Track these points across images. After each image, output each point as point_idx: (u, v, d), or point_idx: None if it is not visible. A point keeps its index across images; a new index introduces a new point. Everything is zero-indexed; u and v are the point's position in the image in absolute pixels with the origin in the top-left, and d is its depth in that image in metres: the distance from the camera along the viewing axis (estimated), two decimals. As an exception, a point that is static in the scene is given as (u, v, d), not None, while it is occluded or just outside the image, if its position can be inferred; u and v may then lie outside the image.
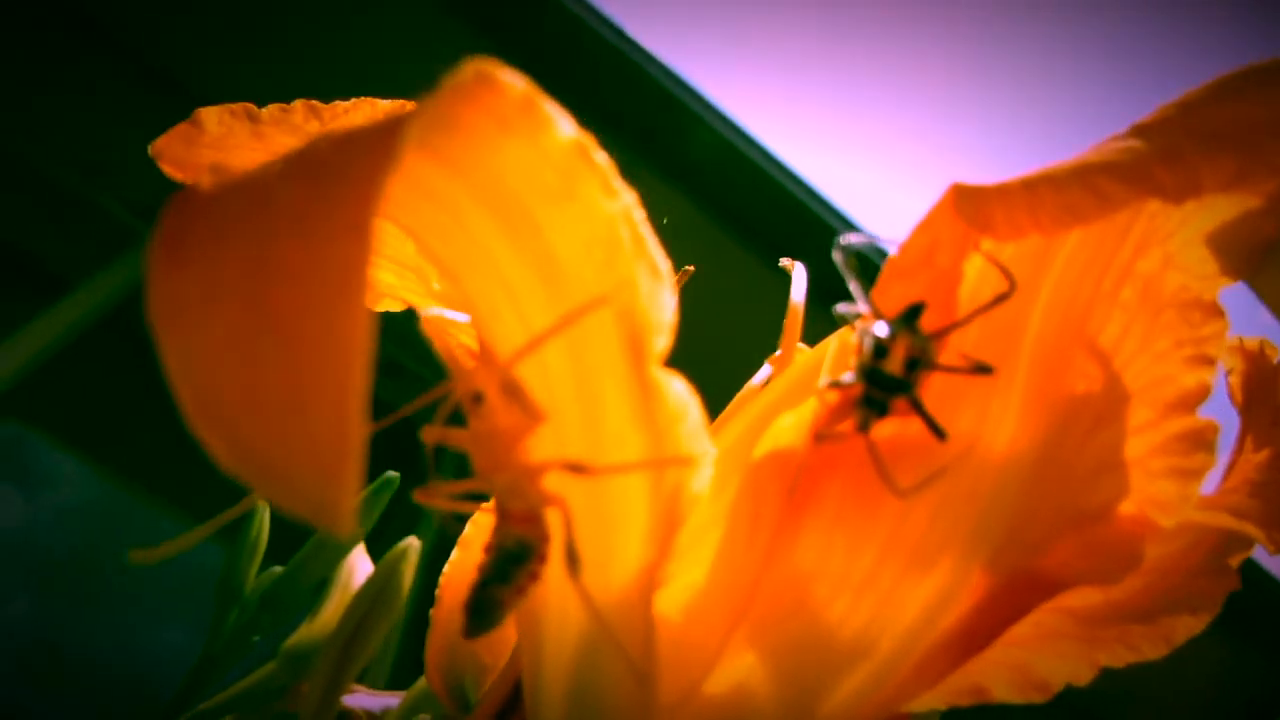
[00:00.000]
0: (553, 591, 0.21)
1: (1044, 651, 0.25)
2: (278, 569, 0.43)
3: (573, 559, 0.19)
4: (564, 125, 0.17)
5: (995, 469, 0.21)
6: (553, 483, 0.19)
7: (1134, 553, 0.22)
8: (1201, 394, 0.22)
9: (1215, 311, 0.23)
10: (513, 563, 0.19)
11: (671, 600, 0.21)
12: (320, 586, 0.43)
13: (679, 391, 0.18)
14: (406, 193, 0.18)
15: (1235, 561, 0.26)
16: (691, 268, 0.34)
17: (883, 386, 0.18)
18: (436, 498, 0.20)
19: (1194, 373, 0.23)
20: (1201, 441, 0.22)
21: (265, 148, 0.27)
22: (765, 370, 0.27)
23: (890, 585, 0.20)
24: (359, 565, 0.45)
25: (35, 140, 0.77)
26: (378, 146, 0.13)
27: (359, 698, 0.39)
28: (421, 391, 0.20)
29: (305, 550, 0.43)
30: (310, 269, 0.13)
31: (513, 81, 0.16)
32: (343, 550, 0.43)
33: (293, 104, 0.28)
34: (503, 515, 0.19)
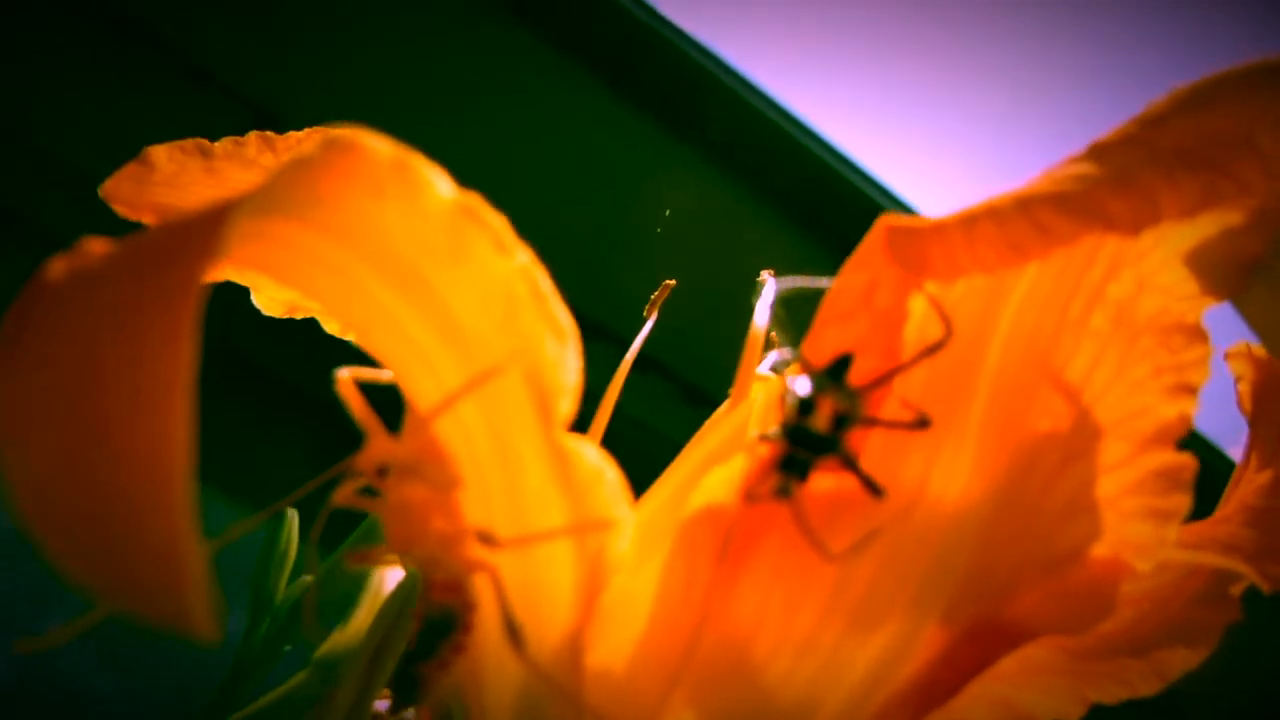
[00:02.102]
0: (489, 651, 0.20)
1: (1030, 687, 0.23)
2: (308, 578, 0.43)
3: (514, 632, 0.18)
4: (442, 186, 0.16)
5: (948, 516, 0.19)
6: (476, 550, 0.18)
7: (1107, 599, 0.20)
8: (1181, 426, 0.21)
9: (1198, 335, 0.21)
10: (437, 635, 0.18)
11: (610, 653, 0.20)
12: (351, 595, 0.43)
13: (591, 456, 0.17)
14: (294, 260, 0.17)
15: (1237, 590, 0.24)
16: (673, 281, 0.33)
17: (807, 445, 0.17)
18: (370, 559, 0.19)
19: (1174, 403, 0.21)
20: (1179, 480, 0.20)
21: (219, 183, 0.26)
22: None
23: (834, 643, 0.19)
24: (390, 573, 0.44)
25: (73, 134, 0.77)
26: (193, 243, 0.12)
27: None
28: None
29: (333, 558, 0.43)
30: (129, 379, 0.12)
31: (378, 147, 0.15)
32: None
33: (245, 137, 0.27)
34: (425, 586, 0.18)
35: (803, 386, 0.17)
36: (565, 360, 0.17)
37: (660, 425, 0.97)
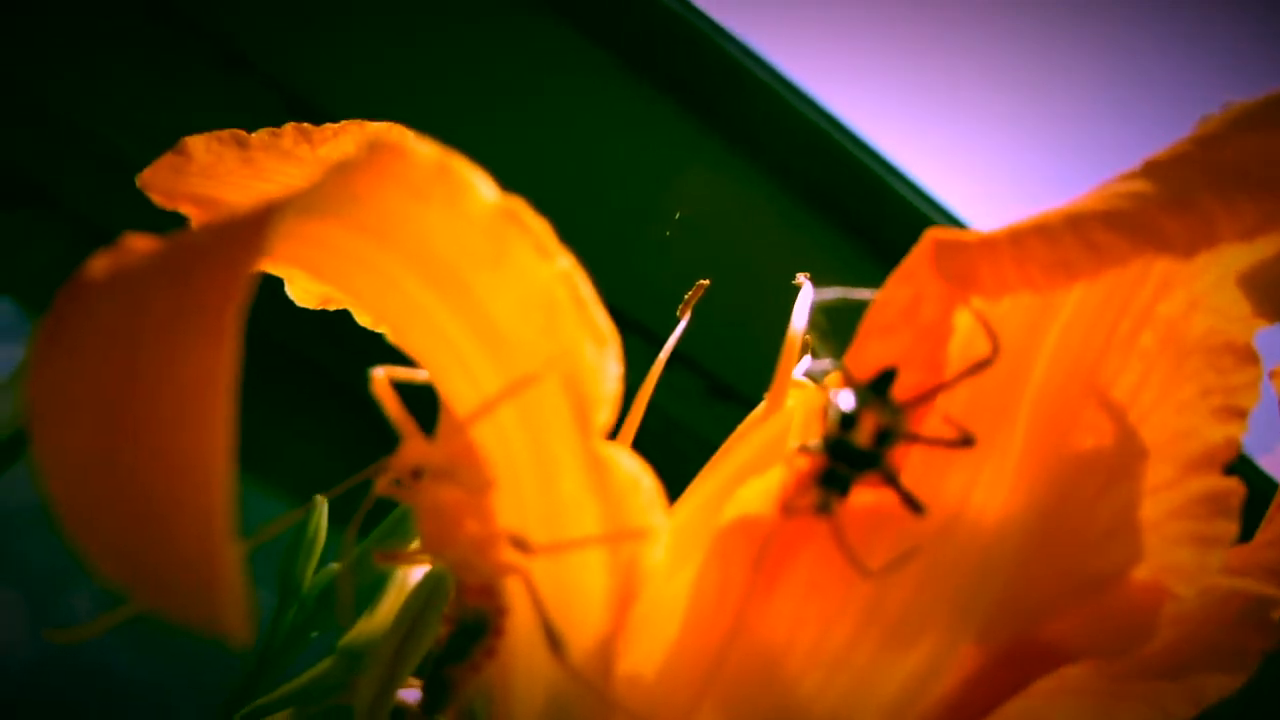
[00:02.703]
0: (519, 654, 0.20)
1: (1061, 706, 0.23)
2: (335, 566, 0.43)
3: (554, 638, 0.18)
4: (485, 189, 0.15)
5: (988, 534, 0.19)
6: (509, 554, 0.18)
7: (1147, 624, 0.20)
8: (1229, 451, 0.20)
9: (1248, 357, 0.20)
10: (468, 638, 0.18)
11: (642, 660, 0.19)
12: (378, 583, 0.43)
13: (629, 465, 0.17)
14: (333, 258, 0.16)
15: (1278, 616, 0.24)
16: (706, 281, 0.32)
17: (849, 461, 0.16)
18: (400, 559, 0.19)
19: (1222, 426, 0.20)
20: (1225, 506, 0.19)
21: (255, 174, 0.26)
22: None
23: (868, 659, 0.19)
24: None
25: (110, 117, 0.78)
26: (238, 246, 0.12)
27: (416, 693, 0.39)
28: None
29: (363, 547, 0.43)
30: (171, 379, 0.12)
31: (421, 149, 0.15)
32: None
33: (281, 128, 0.27)
34: (458, 588, 0.18)
35: (845, 400, 0.17)
36: (605, 368, 0.16)
37: (687, 419, 0.97)
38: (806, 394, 0.19)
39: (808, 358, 0.25)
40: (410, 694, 0.41)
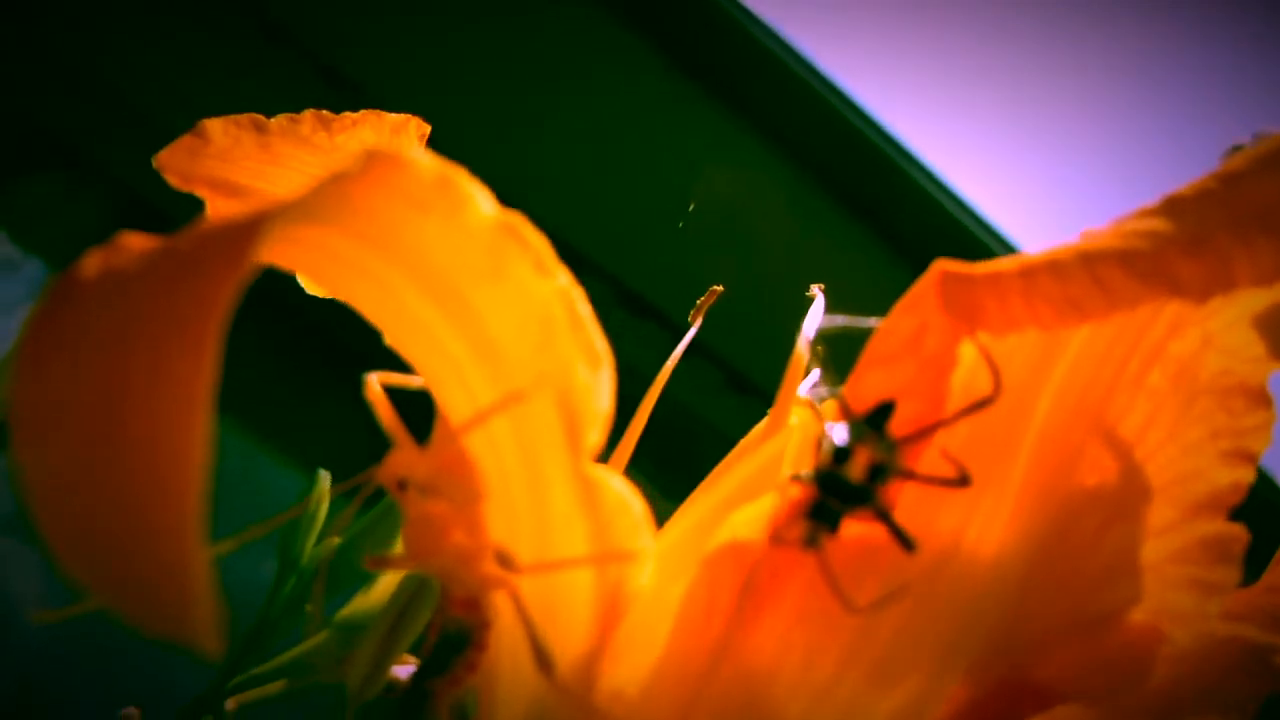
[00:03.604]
0: (504, 667, 0.19)
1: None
2: (336, 540, 0.43)
3: (542, 655, 0.17)
4: (485, 203, 0.15)
5: (982, 571, 0.18)
6: (495, 568, 0.18)
7: (1142, 667, 0.19)
8: (1235, 495, 0.19)
9: (1261, 399, 0.20)
10: (450, 650, 0.18)
11: (625, 680, 0.19)
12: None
13: (619, 487, 0.17)
14: (330, 264, 0.16)
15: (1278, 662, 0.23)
16: (720, 288, 0.32)
17: (840, 496, 0.16)
18: (387, 564, 0.19)
19: (1229, 469, 0.20)
20: (1227, 553, 0.19)
21: (273, 159, 0.26)
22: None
23: (853, 691, 0.18)
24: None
25: (148, 83, 0.78)
26: (225, 257, 0.12)
27: (410, 669, 0.39)
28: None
29: (364, 522, 0.43)
30: (150, 392, 0.12)
31: (422, 161, 0.14)
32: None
33: (301, 114, 0.27)
34: (443, 599, 0.18)
35: (840, 434, 0.16)
36: (598, 389, 0.16)
37: (705, 411, 0.96)
38: (805, 418, 0.19)
39: (817, 371, 0.24)
40: (403, 670, 0.41)
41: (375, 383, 0.18)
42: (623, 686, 0.19)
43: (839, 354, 0.21)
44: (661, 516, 0.24)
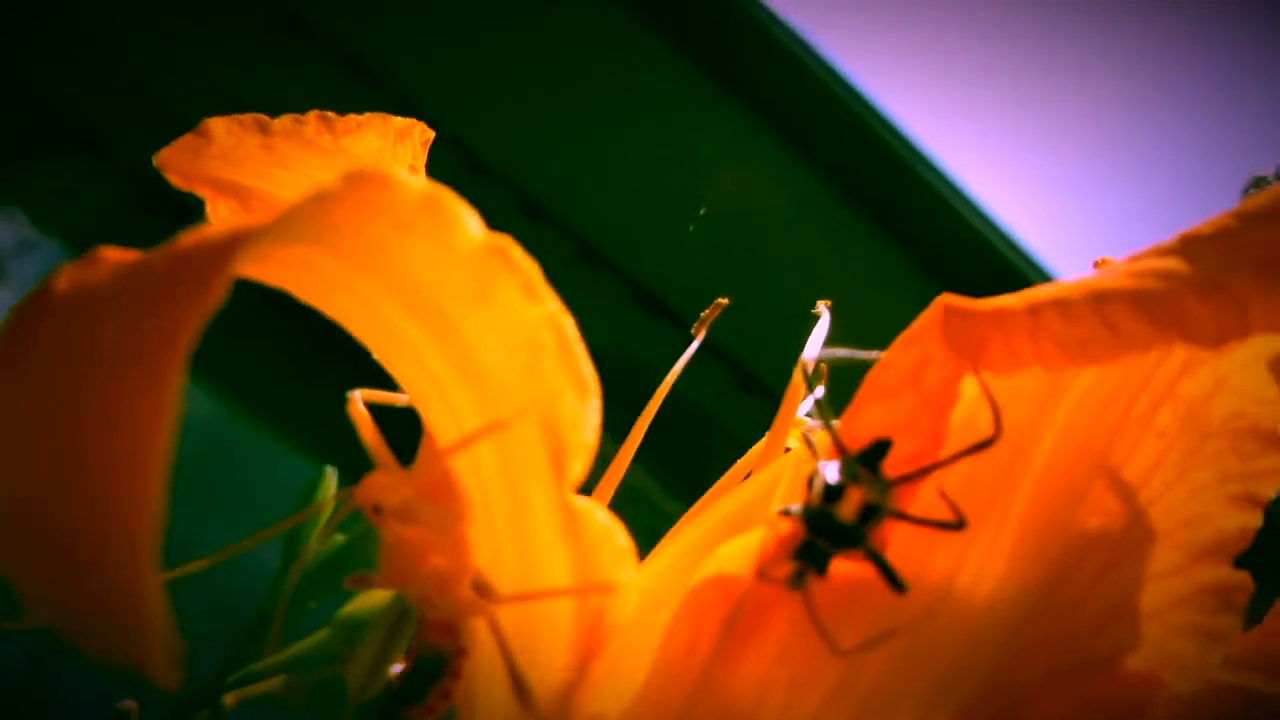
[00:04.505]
0: (481, 695, 0.19)
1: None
2: (340, 537, 0.43)
3: (519, 683, 0.17)
4: (473, 225, 0.14)
5: (975, 614, 0.18)
6: (473, 594, 0.17)
7: (1138, 714, 0.19)
8: (1242, 541, 0.19)
9: (1274, 443, 0.19)
10: (426, 678, 0.17)
11: (609, 706, 0.19)
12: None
13: (601, 518, 0.16)
14: (314, 281, 0.16)
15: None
16: (725, 300, 0.31)
17: (829, 536, 0.15)
18: (368, 583, 0.19)
19: (1237, 514, 0.19)
20: (1231, 602, 0.18)
21: (276, 160, 0.25)
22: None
23: (839, 732, 0.18)
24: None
25: (172, 74, 0.78)
26: (194, 283, 0.11)
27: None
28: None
29: (368, 520, 0.42)
30: (110, 422, 0.11)
31: (407, 181, 0.14)
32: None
33: (305, 115, 0.26)
34: (420, 624, 0.17)
35: (832, 472, 0.15)
36: (584, 418, 0.15)
37: (716, 413, 0.95)
38: (799, 452, 0.18)
39: (820, 389, 0.24)
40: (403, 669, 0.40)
41: (359, 400, 0.17)
42: (602, 718, 0.18)
43: (842, 376, 0.20)
44: (670, 516, 0.23)
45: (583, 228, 0.96)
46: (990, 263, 1.07)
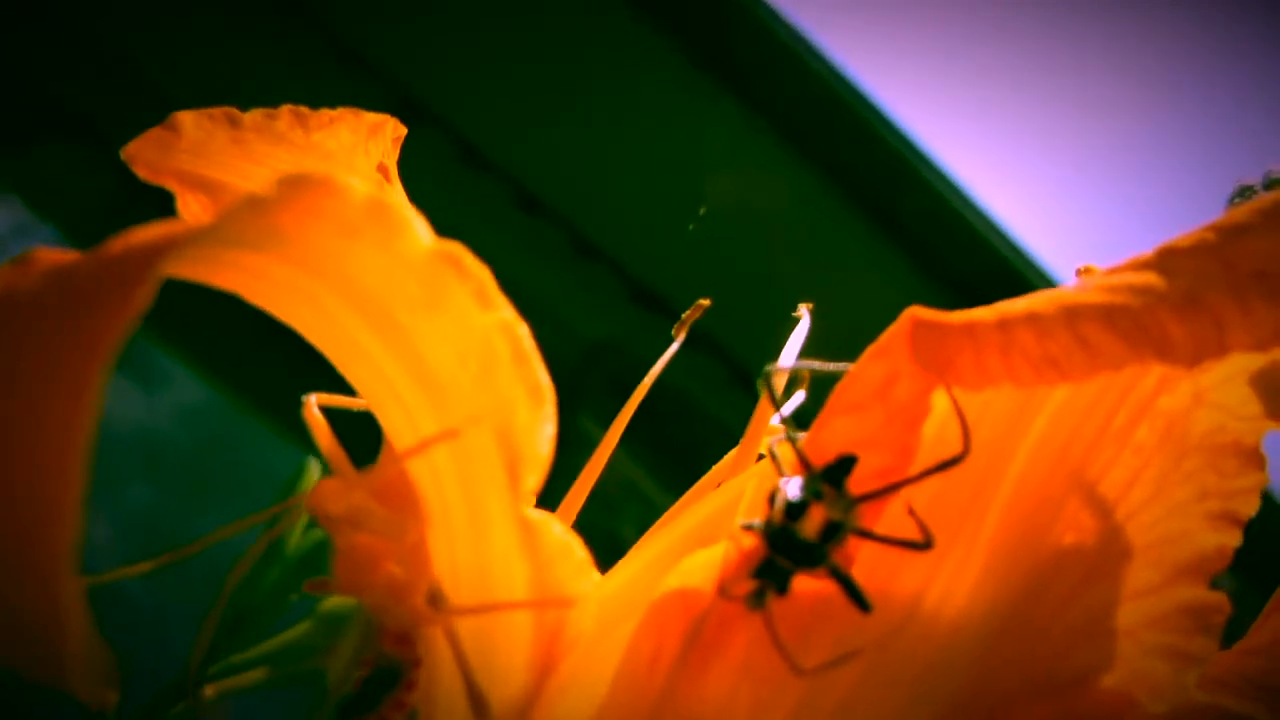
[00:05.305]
0: (440, 705, 0.18)
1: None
2: (320, 531, 0.42)
3: (475, 695, 0.16)
4: (421, 232, 0.14)
5: (945, 633, 0.17)
6: (428, 604, 0.16)
7: (1109, 735, 0.18)
8: (1220, 560, 0.18)
9: (1254, 461, 0.18)
10: (380, 687, 0.17)
11: (569, 716, 0.18)
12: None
13: (558, 532, 0.16)
14: (261, 285, 0.15)
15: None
16: (707, 301, 0.31)
17: (790, 554, 0.15)
18: (327, 588, 0.18)
19: (1216, 532, 0.18)
20: (1207, 624, 0.18)
21: (245, 155, 0.25)
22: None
23: (802, 751, 0.17)
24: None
25: (167, 61, 0.77)
26: (117, 287, 0.11)
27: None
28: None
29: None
30: (27, 432, 0.11)
31: (350, 187, 0.13)
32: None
33: (278, 110, 0.25)
34: (378, 633, 0.17)
35: (794, 488, 0.15)
36: (538, 429, 0.15)
37: (709, 406, 0.95)
38: (767, 464, 0.18)
39: (794, 400, 0.23)
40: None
41: (314, 404, 0.17)
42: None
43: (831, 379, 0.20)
44: (662, 510, 0.23)
45: (582, 224, 0.95)
46: (990, 263, 1.06)
